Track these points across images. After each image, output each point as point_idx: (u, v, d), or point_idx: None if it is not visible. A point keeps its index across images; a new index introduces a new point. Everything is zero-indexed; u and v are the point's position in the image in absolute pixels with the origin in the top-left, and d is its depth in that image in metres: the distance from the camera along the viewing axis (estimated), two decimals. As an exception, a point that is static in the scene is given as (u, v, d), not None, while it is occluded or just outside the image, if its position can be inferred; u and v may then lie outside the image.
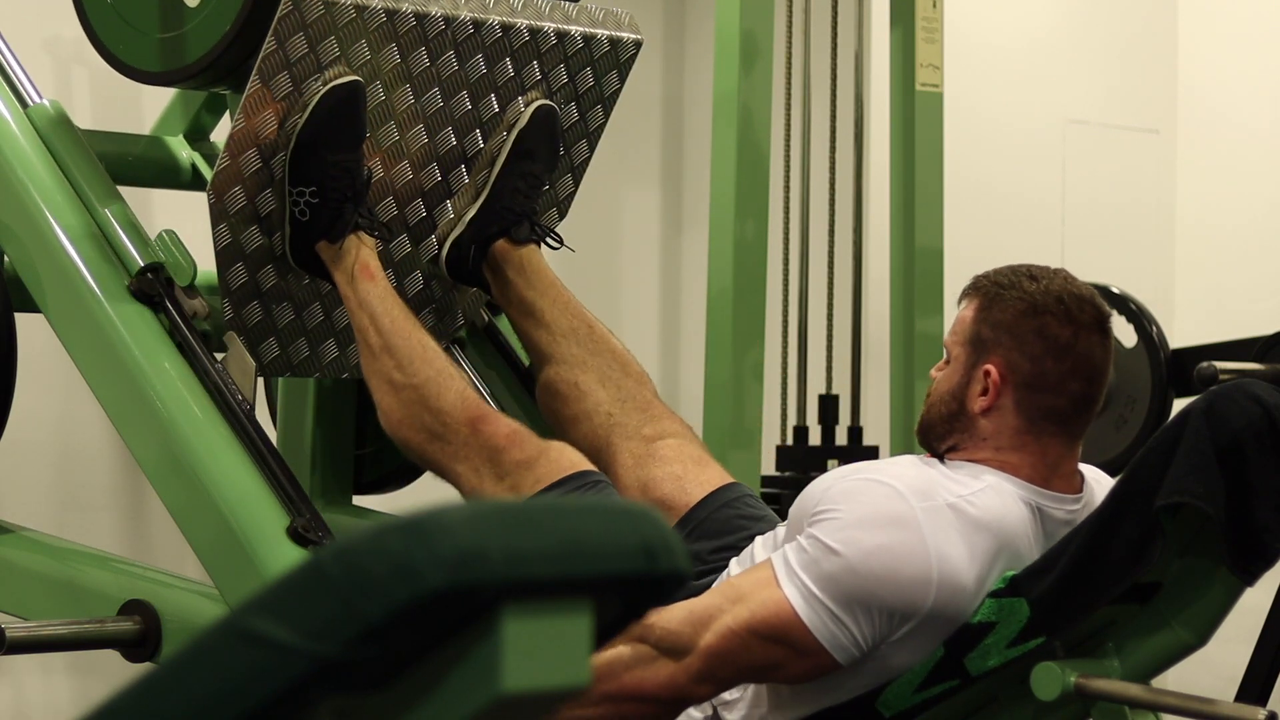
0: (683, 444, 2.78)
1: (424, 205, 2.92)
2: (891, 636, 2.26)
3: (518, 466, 2.62)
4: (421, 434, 2.69)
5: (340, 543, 1.19)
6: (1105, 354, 2.38)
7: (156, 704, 1.22)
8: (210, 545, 2.59)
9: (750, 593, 2.29)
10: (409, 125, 2.85)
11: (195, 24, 2.83)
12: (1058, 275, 2.38)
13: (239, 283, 2.78)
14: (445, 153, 2.90)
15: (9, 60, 2.92)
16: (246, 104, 2.68)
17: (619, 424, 2.80)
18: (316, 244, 2.76)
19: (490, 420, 2.67)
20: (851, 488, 2.29)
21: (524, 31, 2.90)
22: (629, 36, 3.04)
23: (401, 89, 2.81)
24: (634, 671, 2.31)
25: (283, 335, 2.85)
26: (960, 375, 2.38)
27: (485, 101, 2.90)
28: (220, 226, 2.73)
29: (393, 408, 2.70)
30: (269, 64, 2.67)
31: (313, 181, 2.72)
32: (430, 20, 2.80)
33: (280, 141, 2.72)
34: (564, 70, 2.97)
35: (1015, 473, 2.34)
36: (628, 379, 2.86)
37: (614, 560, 1.27)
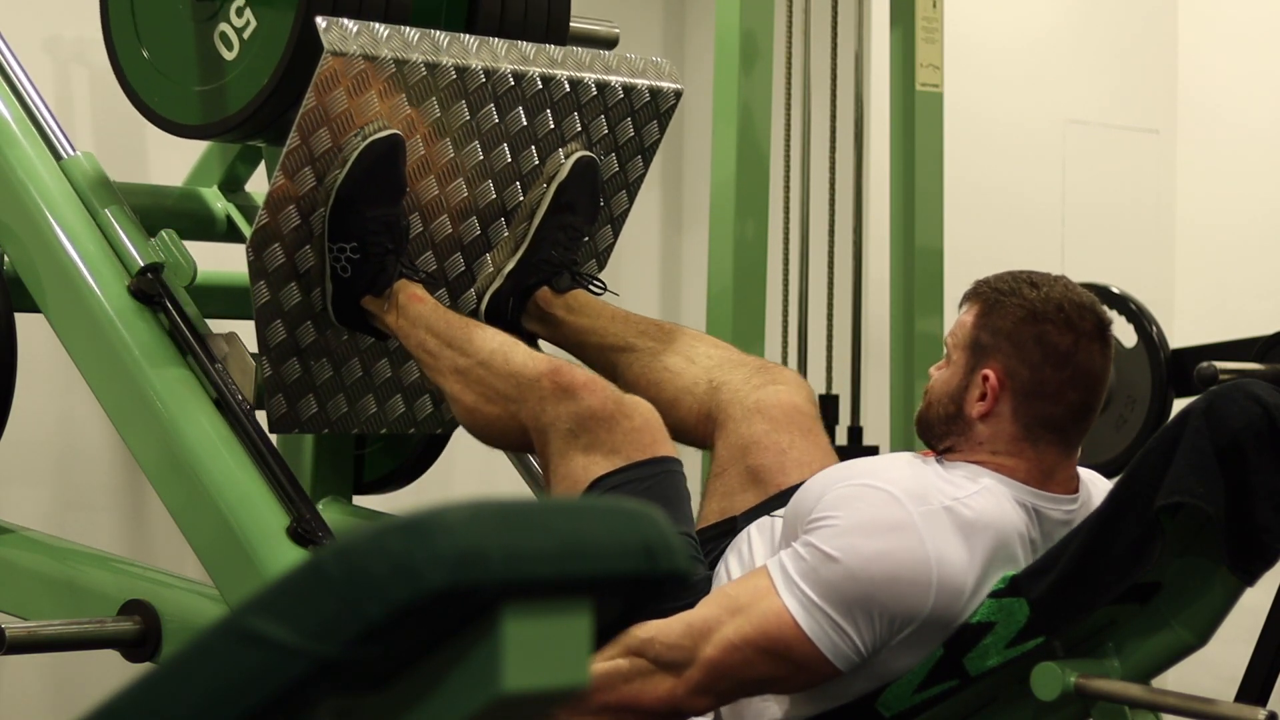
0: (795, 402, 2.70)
1: (463, 259, 2.87)
2: (891, 641, 2.26)
3: (596, 421, 2.52)
4: (499, 404, 2.60)
5: (340, 543, 1.20)
6: (1105, 363, 2.37)
7: (156, 704, 1.22)
8: (210, 545, 2.59)
9: (749, 604, 2.28)
10: (449, 179, 2.81)
11: (233, 77, 2.80)
12: (1058, 282, 2.38)
13: (278, 340, 2.74)
14: (485, 206, 2.86)
15: (9, 60, 2.91)
16: (285, 161, 2.64)
17: (721, 384, 2.74)
18: (361, 298, 2.72)
19: (565, 368, 2.58)
20: (848, 493, 2.29)
21: (565, 83, 2.87)
22: (669, 86, 3.00)
23: (441, 143, 2.78)
24: (633, 684, 2.30)
25: (321, 391, 2.82)
26: (959, 379, 2.38)
27: (525, 154, 2.87)
28: (259, 284, 2.69)
29: (465, 393, 2.63)
30: (309, 120, 2.63)
31: (353, 237, 2.68)
32: (471, 74, 2.76)
33: (319, 197, 2.68)
34: (604, 121, 2.93)
35: (1011, 475, 2.34)
36: (715, 348, 2.83)
37: (614, 560, 1.27)
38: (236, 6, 2.79)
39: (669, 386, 2.75)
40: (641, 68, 2.98)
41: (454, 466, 3.91)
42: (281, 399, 2.77)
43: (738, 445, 2.67)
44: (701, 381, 2.76)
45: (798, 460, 2.64)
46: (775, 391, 2.72)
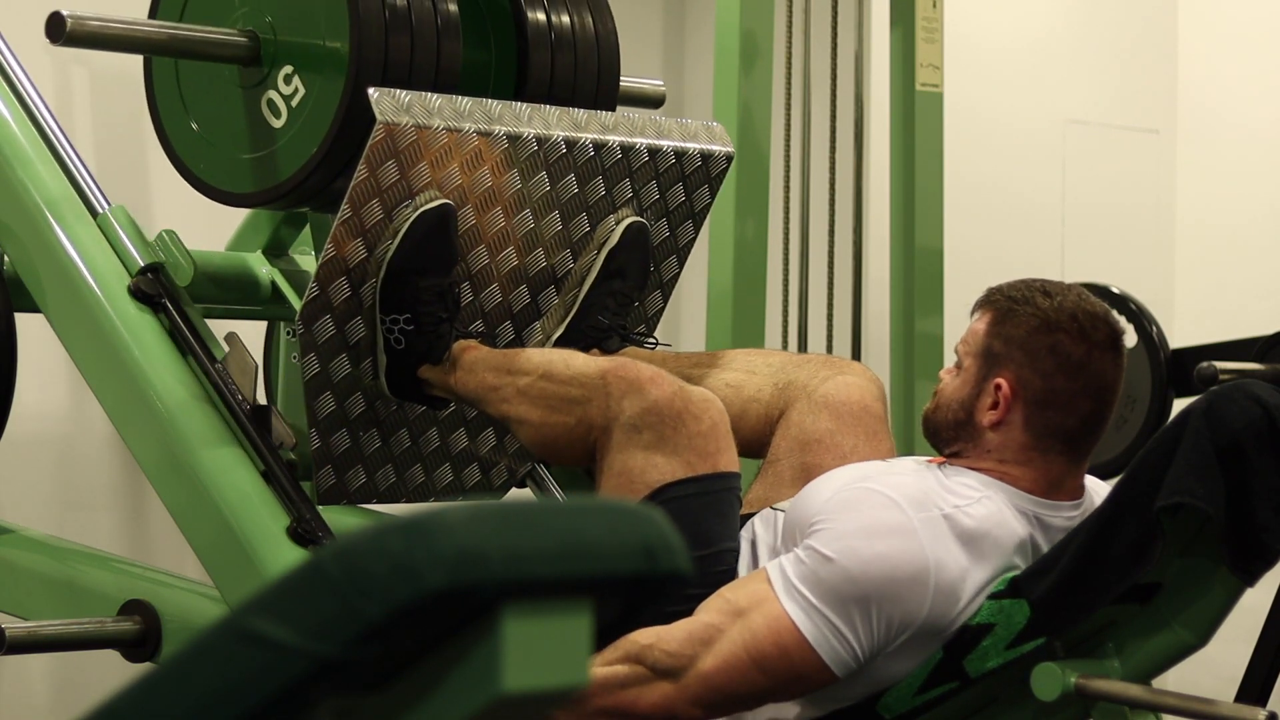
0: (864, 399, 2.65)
1: (513, 327, 2.84)
2: (889, 646, 2.26)
3: (661, 418, 2.45)
4: (567, 412, 2.54)
5: (340, 543, 1.20)
6: (1117, 373, 2.37)
7: (157, 704, 1.22)
8: (210, 545, 2.59)
9: (748, 609, 2.28)
10: (499, 248, 2.78)
11: (282, 145, 2.76)
12: (1071, 291, 2.37)
13: (327, 412, 2.71)
14: (535, 274, 2.83)
15: (12, 63, 2.90)
16: (337, 233, 2.61)
17: (788, 383, 2.70)
18: (418, 368, 2.68)
19: (628, 364, 2.54)
20: (849, 497, 2.29)
21: (616, 149, 2.84)
22: (720, 150, 2.97)
23: (493, 211, 2.75)
24: (630, 690, 2.29)
25: (369, 462, 2.79)
26: (970, 387, 2.38)
27: (576, 221, 2.84)
28: (310, 356, 2.66)
29: (531, 410, 2.57)
30: (360, 191, 2.60)
31: (406, 308, 2.65)
32: (523, 142, 2.73)
33: (370, 268, 2.65)
34: (655, 186, 2.90)
35: (1015, 484, 2.34)
36: (774, 355, 2.79)
37: (614, 560, 1.27)
38: (285, 74, 2.76)
39: (734, 400, 2.68)
40: (693, 131, 2.95)
41: (454, 466, 3.91)
42: (330, 470, 2.74)
43: (799, 439, 2.64)
44: (767, 388, 2.72)
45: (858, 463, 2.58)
46: (844, 383, 2.67)
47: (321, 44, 2.71)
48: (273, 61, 2.76)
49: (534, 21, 2.87)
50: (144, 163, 3.84)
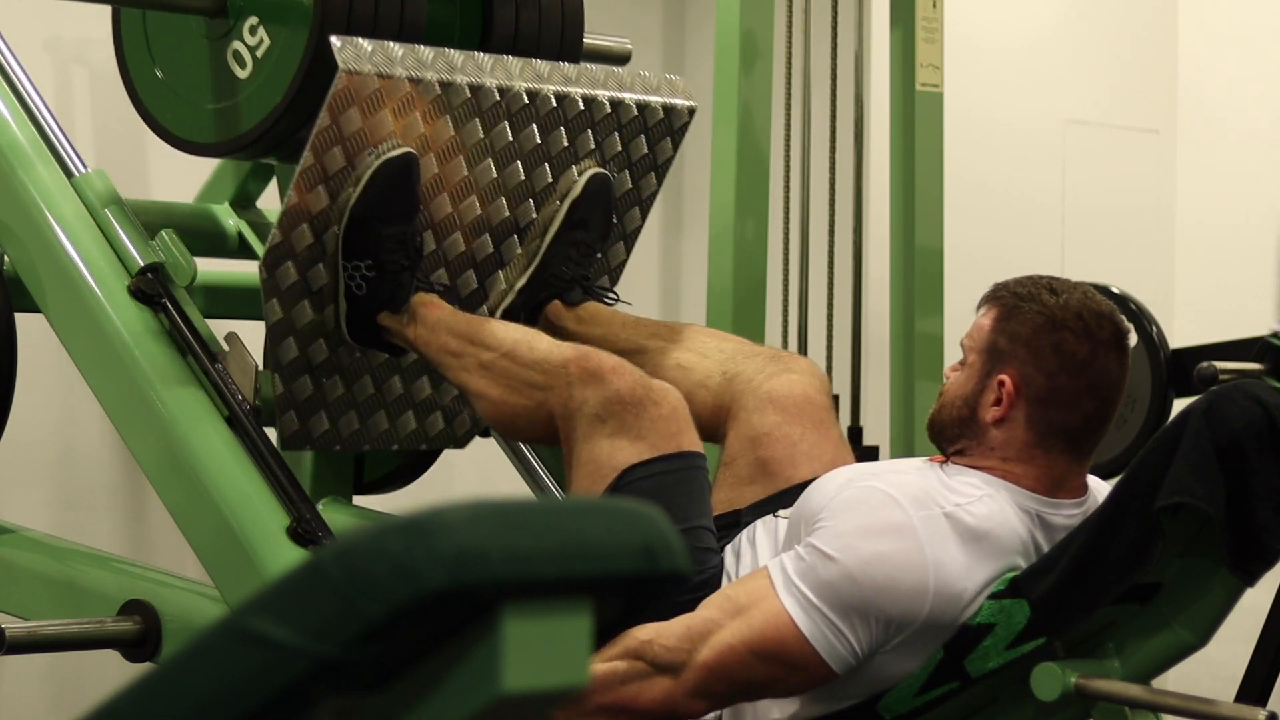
0: (809, 392, 2.70)
1: (476, 276, 2.87)
2: (887, 645, 2.26)
3: (623, 406, 2.50)
4: (527, 394, 2.58)
5: (340, 543, 1.20)
6: (1122, 372, 2.37)
7: (156, 704, 1.22)
8: (210, 545, 2.59)
9: (748, 605, 2.28)
10: (462, 197, 2.81)
11: (246, 95, 2.80)
12: (1077, 289, 2.37)
13: (290, 358, 2.74)
14: (498, 223, 2.86)
15: (10, 62, 2.91)
16: (299, 180, 2.64)
17: (735, 375, 2.73)
18: (378, 315, 2.71)
19: (591, 353, 2.57)
20: (850, 496, 2.29)
21: (578, 101, 2.87)
22: (682, 103, 3.00)
23: (455, 160, 2.78)
24: (630, 686, 2.29)
25: (333, 409, 2.81)
26: (974, 383, 2.38)
27: (539, 171, 2.86)
28: (271, 302, 2.69)
29: (491, 386, 2.61)
30: (323, 139, 2.63)
31: (368, 255, 2.68)
32: (485, 92, 2.76)
33: (333, 215, 2.68)
34: (618, 138, 2.93)
35: (1018, 482, 2.34)
36: (726, 341, 2.83)
37: (614, 560, 1.27)
38: (250, 25, 2.79)
39: (683, 382, 2.72)
40: (655, 84, 2.97)
41: (454, 466, 3.91)
42: (293, 416, 2.76)
43: (748, 436, 2.67)
44: (715, 374, 2.75)
45: (808, 453, 2.64)
46: (788, 380, 2.71)
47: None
48: (238, 13, 2.81)
49: None
50: (144, 163, 3.84)
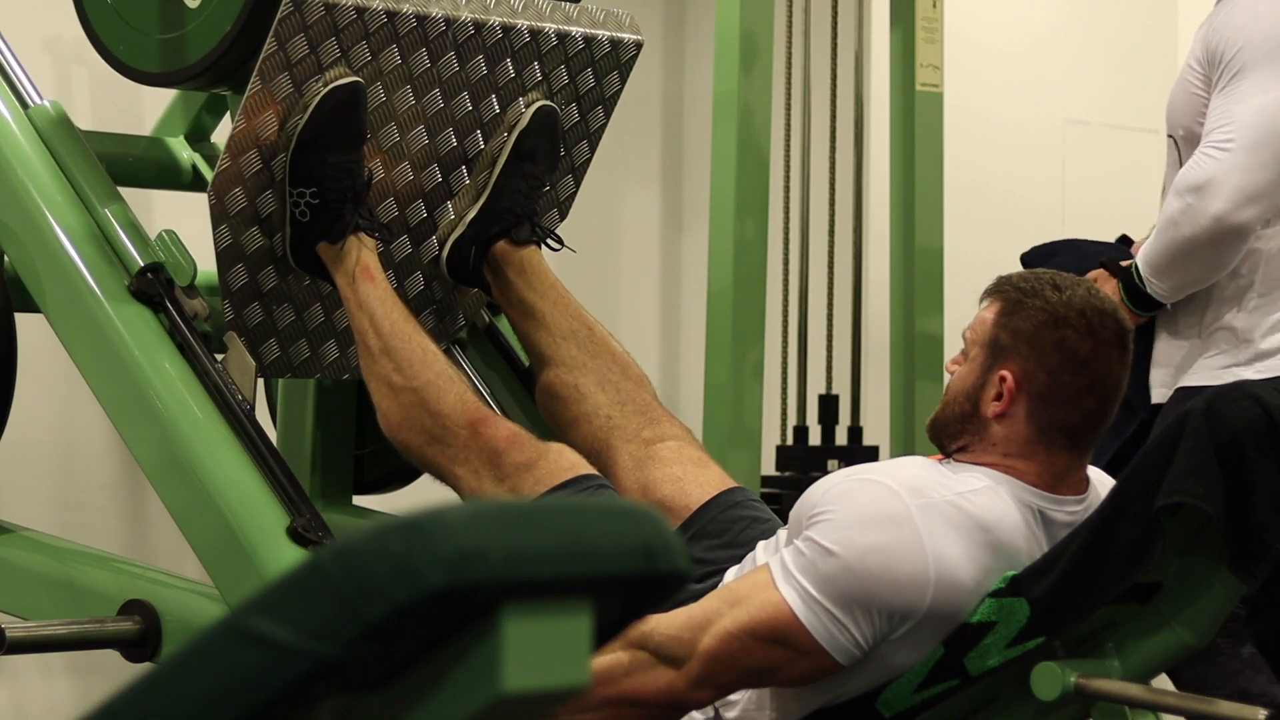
0: (682, 446, 2.79)
1: (425, 206, 2.92)
2: (891, 636, 2.26)
3: (517, 469, 2.63)
4: (421, 436, 2.69)
5: (340, 543, 1.20)
6: (1123, 370, 2.37)
7: (156, 704, 1.22)
8: (210, 545, 2.59)
9: (748, 596, 2.29)
10: (410, 126, 2.85)
11: (196, 25, 2.84)
12: (1080, 286, 2.37)
13: (240, 284, 2.78)
14: (446, 154, 2.90)
15: (9, 61, 2.92)
16: (247, 105, 2.68)
17: (618, 426, 2.81)
18: (317, 245, 2.76)
19: (490, 423, 2.68)
20: (847, 488, 2.29)
21: (525, 33, 2.90)
22: (630, 37, 3.04)
23: (402, 90, 2.81)
24: (633, 677, 2.30)
25: (284, 336, 2.85)
26: (976, 377, 2.38)
27: (486, 103, 2.90)
28: (221, 228, 2.73)
29: (392, 410, 2.71)
30: (270, 65, 2.67)
31: (313, 182, 2.73)
32: (431, 21, 2.80)
33: (281, 143, 2.72)
34: (565, 71, 2.96)
35: (1020, 478, 2.34)
36: (627, 381, 2.87)
37: (614, 560, 1.27)
38: None
39: (573, 405, 2.84)
40: (602, 19, 3.01)
41: (454, 466, 3.90)
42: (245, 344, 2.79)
43: (635, 489, 2.74)
44: (601, 412, 2.83)
45: (696, 481, 2.73)
46: (664, 446, 2.78)
47: None
48: None
49: None
50: (144, 163, 3.83)
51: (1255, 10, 2.95)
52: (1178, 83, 3.04)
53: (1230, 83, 2.93)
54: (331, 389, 3.19)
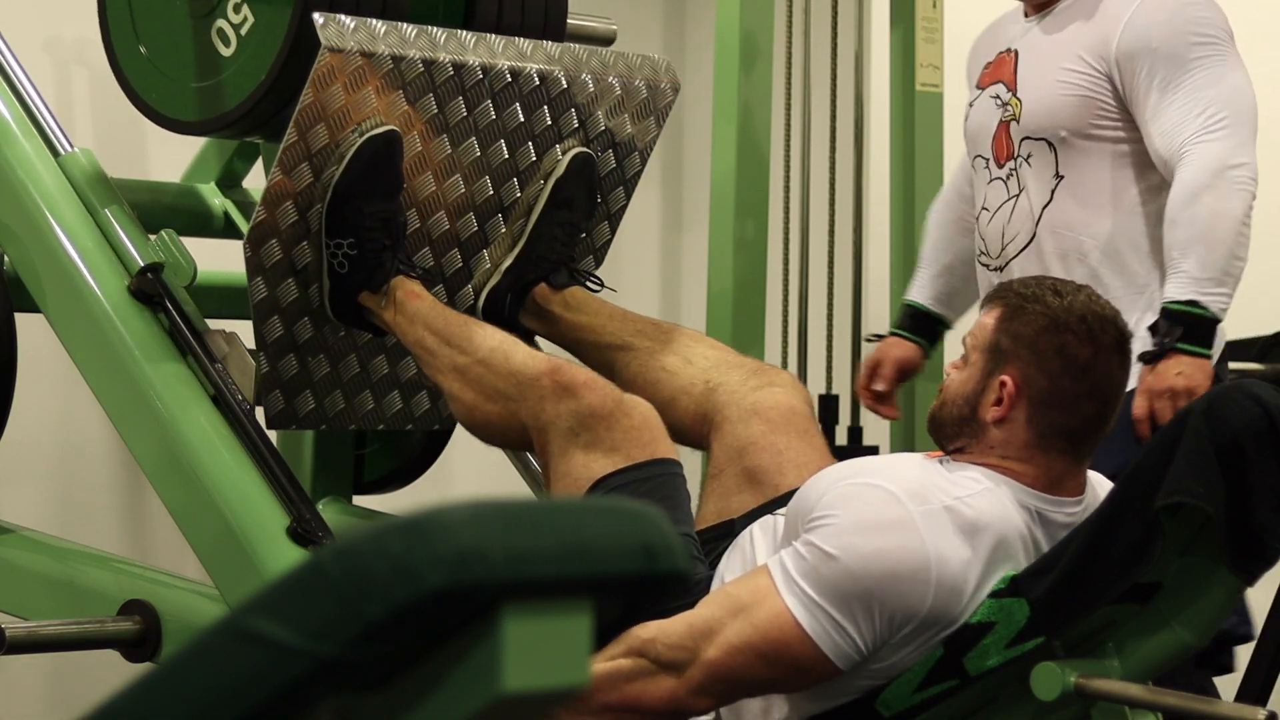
0: (791, 404, 2.71)
1: (460, 255, 2.88)
2: (891, 639, 2.26)
3: (595, 419, 2.54)
4: (499, 402, 2.61)
5: (340, 543, 1.20)
6: (1123, 376, 2.37)
7: (156, 704, 1.22)
8: (210, 545, 2.59)
9: (750, 604, 2.28)
10: (446, 175, 2.82)
11: (230, 73, 2.80)
12: (1081, 292, 2.37)
13: (275, 336, 2.74)
14: (482, 202, 2.86)
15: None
16: (282, 157, 2.65)
17: (718, 385, 2.75)
18: (359, 295, 2.73)
19: (565, 367, 2.59)
20: (848, 492, 2.29)
21: (561, 80, 2.87)
22: (666, 83, 3.00)
23: (438, 139, 2.78)
24: (634, 684, 2.30)
25: (318, 388, 2.82)
26: (976, 382, 2.38)
27: (522, 150, 2.87)
28: (256, 280, 2.69)
29: (464, 391, 2.64)
30: (306, 117, 2.64)
31: (350, 233, 2.69)
32: (468, 70, 2.76)
33: (316, 193, 2.69)
34: (601, 118, 2.93)
35: (1018, 479, 2.34)
36: (711, 349, 2.84)
37: (614, 560, 1.27)
38: (234, 3, 2.80)
39: (666, 386, 2.75)
40: (639, 65, 2.98)
41: (454, 466, 3.91)
42: (279, 395, 2.77)
43: (734, 447, 2.68)
44: (698, 382, 2.76)
45: (795, 461, 2.65)
46: (772, 393, 2.72)
47: None
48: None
49: None
50: (144, 163, 3.84)
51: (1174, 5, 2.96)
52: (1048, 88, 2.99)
53: (1179, 76, 2.92)
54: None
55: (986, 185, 3.09)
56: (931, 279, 3.35)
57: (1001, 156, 3.07)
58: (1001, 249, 3.06)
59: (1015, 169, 3.04)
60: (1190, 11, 2.98)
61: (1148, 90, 2.92)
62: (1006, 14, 3.20)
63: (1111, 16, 2.97)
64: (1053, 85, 2.99)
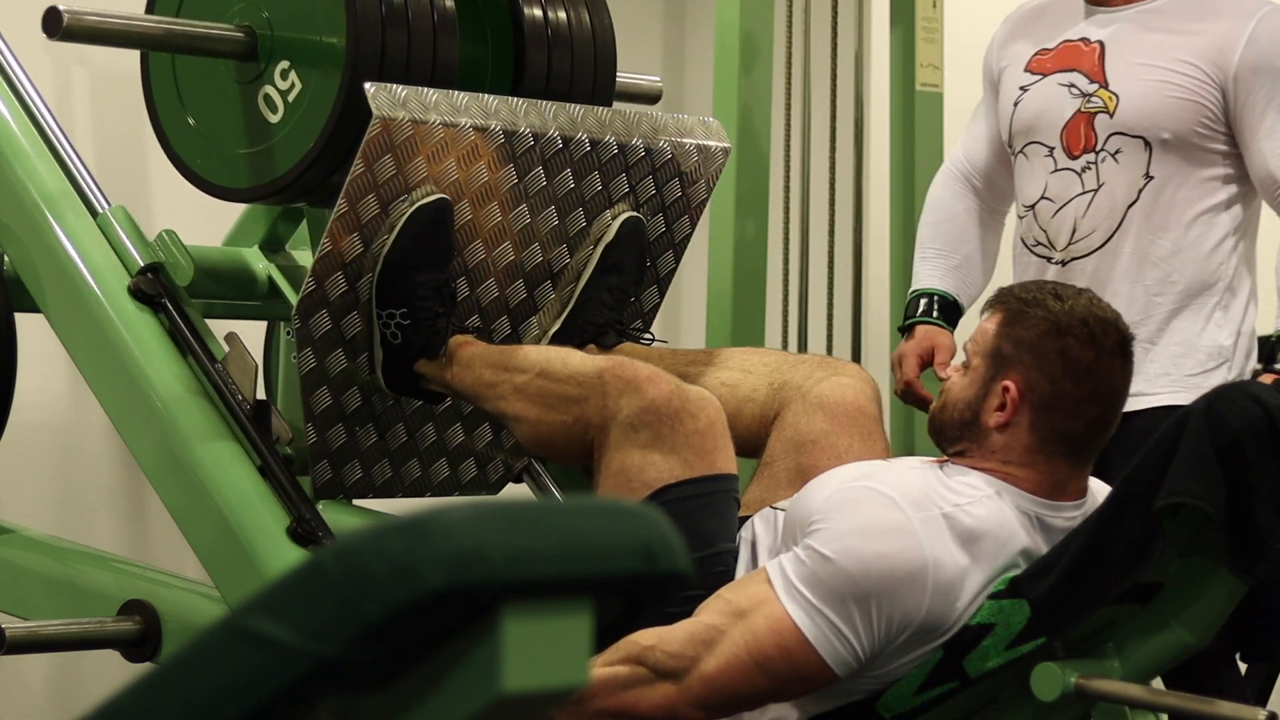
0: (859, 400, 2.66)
1: (509, 322, 2.85)
2: (890, 645, 2.26)
3: (659, 416, 2.46)
4: (565, 410, 2.54)
5: (340, 543, 1.20)
6: (1125, 379, 2.37)
7: (157, 704, 1.22)
8: (210, 545, 2.59)
9: (750, 610, 2.28)
10: (495, 242, 2.79)
11: (279, 139, 2.76)
12: (1082, 295, 2.37)
13: (323, 406, 2.72)
14: (531, 269, 2.84)
15: (11, 61, 2.90)
16: (333, 228, 2.62)
17: (783, 383, 2.69)
18: (415, 363, 2.69)
19: (626, 362, 2.54)
20: (848, 496, 2.29)
21: (612, 145, 2.84)
22: (717, 145, 2.98)
23: (489, 206, 2.75)
24: (631, 691, 2.29)
25: (366, 457, 2.80)
26: (978, 387, 2.37)
27: (573, 216, 2.84)
28: (305, 351, 2.67)
29: (529, 408, 2.58)
30: (356, 186, 2.61)
31: (403, 303, 2.66)
32: (519, 137, 2.74)
33: (366, 263, 2.66)
34: (652, 182, 2.91)
35: (1019, 485, 2.34)
36: (769, 355, 2.79)
37: (614, 560, 1.27)
38: (281, 69, 2.75)
39: (729, 400, 2.65)
40: (690, 127, 2.95)
41: (454, 466, 3.90)
42: (326, 465, 2.75)
43: (793, 440, 2.64)
44: (762, 387, 2.71)
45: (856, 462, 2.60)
46: (839, 384, 2.67)
47: (318, 39, 2.71)
48: (269, 56, 2.76)
49: (530, 18, 2.87)
50: (144, 163, 3.83)
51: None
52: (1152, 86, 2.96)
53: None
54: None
55: (1049, 174, 2.99)
56: (953, 269, 3.23)
57: (1076, 148, 3.00)
58: (1070, 242, 2.98)
59: (1095, 162, 2.96)
60: None
61: (1265, 108, 2.89)
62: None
63: (1230, 29, 2.91)
64: (1158, 85, 2.92)
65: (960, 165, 3.26)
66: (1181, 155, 2.92)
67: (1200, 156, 2.93)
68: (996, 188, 3.19)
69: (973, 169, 3.22)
